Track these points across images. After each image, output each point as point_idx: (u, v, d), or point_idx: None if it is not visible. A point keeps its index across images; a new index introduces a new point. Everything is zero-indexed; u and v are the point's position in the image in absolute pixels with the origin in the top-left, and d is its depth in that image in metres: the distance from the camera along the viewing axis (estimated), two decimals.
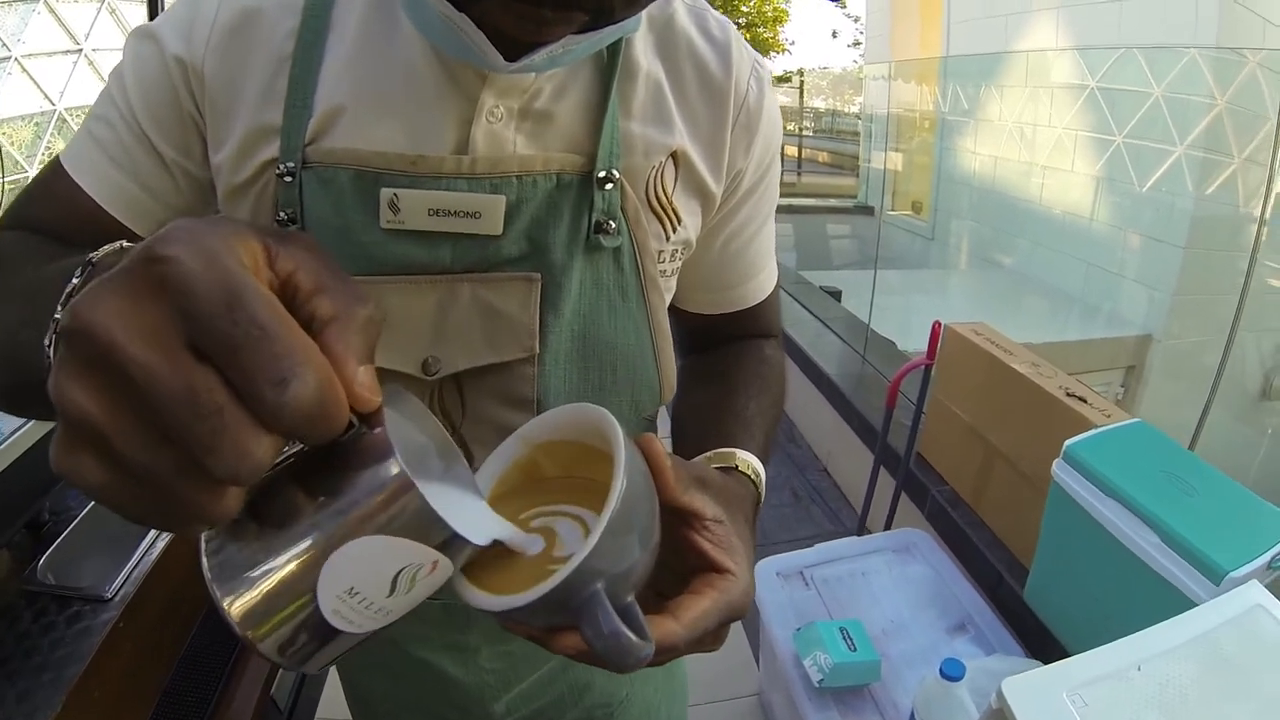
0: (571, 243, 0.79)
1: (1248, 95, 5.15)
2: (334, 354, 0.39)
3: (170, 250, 0.35)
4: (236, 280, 0.36)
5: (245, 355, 0.35)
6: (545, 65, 0.69)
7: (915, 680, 1.90)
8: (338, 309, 0.41)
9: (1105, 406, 2.03)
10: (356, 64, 0.74)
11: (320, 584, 0.43)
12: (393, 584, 0.45)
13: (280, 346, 0.35)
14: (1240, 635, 1.20)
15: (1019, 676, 1.13)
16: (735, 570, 0.63)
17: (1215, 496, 1.63)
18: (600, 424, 0.57)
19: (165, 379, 0.34)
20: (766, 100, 0.88)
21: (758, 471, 0.81)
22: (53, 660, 1.40)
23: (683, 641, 0.57)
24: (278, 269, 0.40)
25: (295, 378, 0.35)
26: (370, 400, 0.41)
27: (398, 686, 1.11)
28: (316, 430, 0.38)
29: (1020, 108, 7.37)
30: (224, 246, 0.37)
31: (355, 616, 0.45)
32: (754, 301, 1.03)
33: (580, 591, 0.50)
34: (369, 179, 0.74)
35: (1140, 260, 6.11)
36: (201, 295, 0.35)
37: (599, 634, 0.50)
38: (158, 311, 0.35)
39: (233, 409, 0.35)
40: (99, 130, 0.77)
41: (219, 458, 0.35)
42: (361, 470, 0.43)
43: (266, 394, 0.35)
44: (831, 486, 3.99)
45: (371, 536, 0.43)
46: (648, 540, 0.55)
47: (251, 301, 0.35)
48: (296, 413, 0.36)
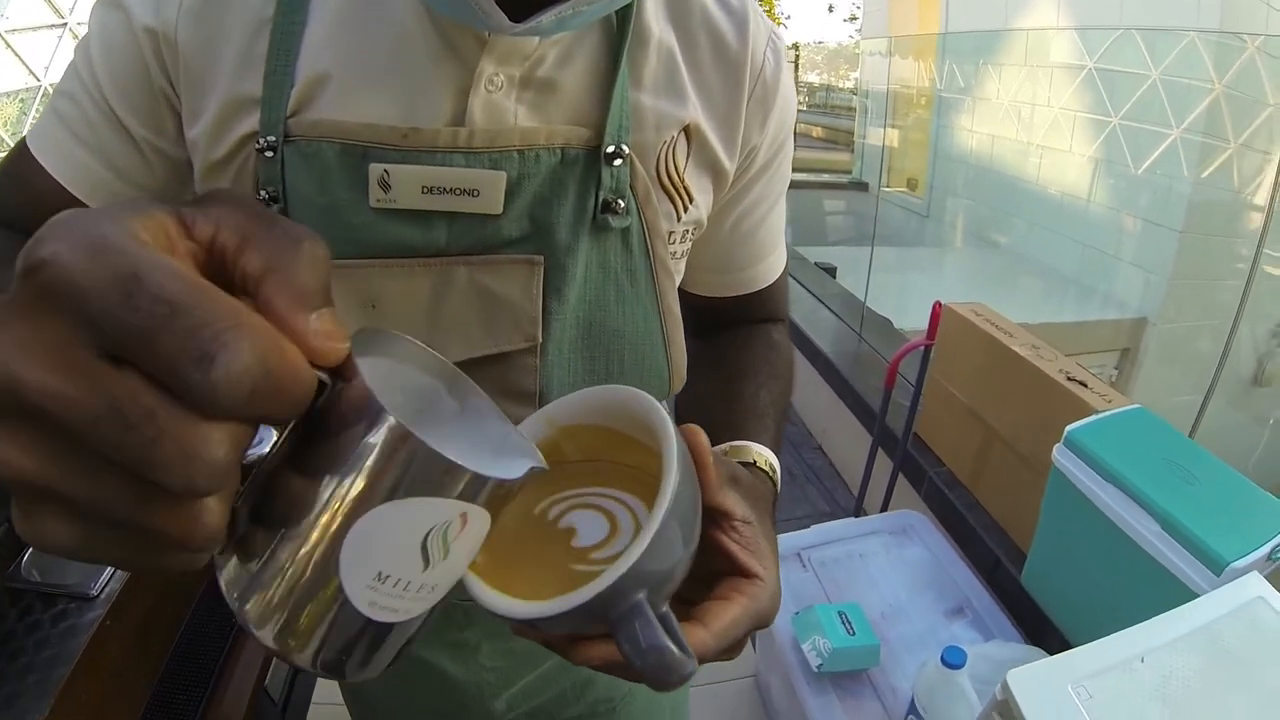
0: (577, 223, 0.75)
1: (1246, 80, 5.13)
2: (276, 309, 0.34)
3: (47, 250, 0.30)
4: (129, 259, 0.30)
5: (158, 340, 0.29)
6: (553, 28, 0.64)
7: (914, 665, 1.90)
8: (268, 259, 0.34)
9: (1105, 391, 2.02)
10: (343, 28, 0.70)
11: (344, 579, 0.38)
12: (424, 554, 0.40)
13: (196, 318, 0.29)
14: (1241, 627, 1.20)
15: (1024, 668, 1.13)
16: (764, 575, 0.60)
17: (1215, 485, 1.62)
18: (645, 412, 0.54)
19: (80, 400, 0.29)
20: (783, 74, 0.84)
21: (774, 467, 0.78)
22: (39, 661, 1.37)
23: (712, 652, 0.55)
24: (197, 237, 0.35)
25: (222, 348, 0.29)
26: (333, 350, 0.35)
27: (395, 684, 1.09)
28: (273, 404, 0.32)
29: (1017, 86, 7.34)
30: (112, 228, 0.31)
31: (396, 603, 0.41)
32: (763, 285, 1.00)
33: (623, 600, 0.46)
34: (357, 154, 0.69)
35: (1137, 243, 6.11)
36: (92, 289, 0.29)
37: (639, 649, 0.46)
38: (53, 326, 0.30)
39: (166, 409, 0.30)
40: (64, 108, 0.73)
41: (166, 468, 0.30)
42: (349, 433, 0.37)
43: (192, 377, 0.29)
44: (826, 465, 3.99)
45: (380, 506, 0.37)
46: (691, 543, 0.52)
47: (152, 278, 0.29)
48: (236, 388, 0.30)
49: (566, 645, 0.54)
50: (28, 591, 1.52)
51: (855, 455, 3.25)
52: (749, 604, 0.58)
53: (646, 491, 0.56)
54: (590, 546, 0.54)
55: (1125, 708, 1.08)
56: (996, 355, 2.32)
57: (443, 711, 1.09)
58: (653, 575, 0.47)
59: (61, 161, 0.73)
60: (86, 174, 0.74)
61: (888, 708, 1.87)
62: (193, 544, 0.33)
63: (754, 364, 0.95)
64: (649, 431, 0.53)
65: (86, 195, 0.75)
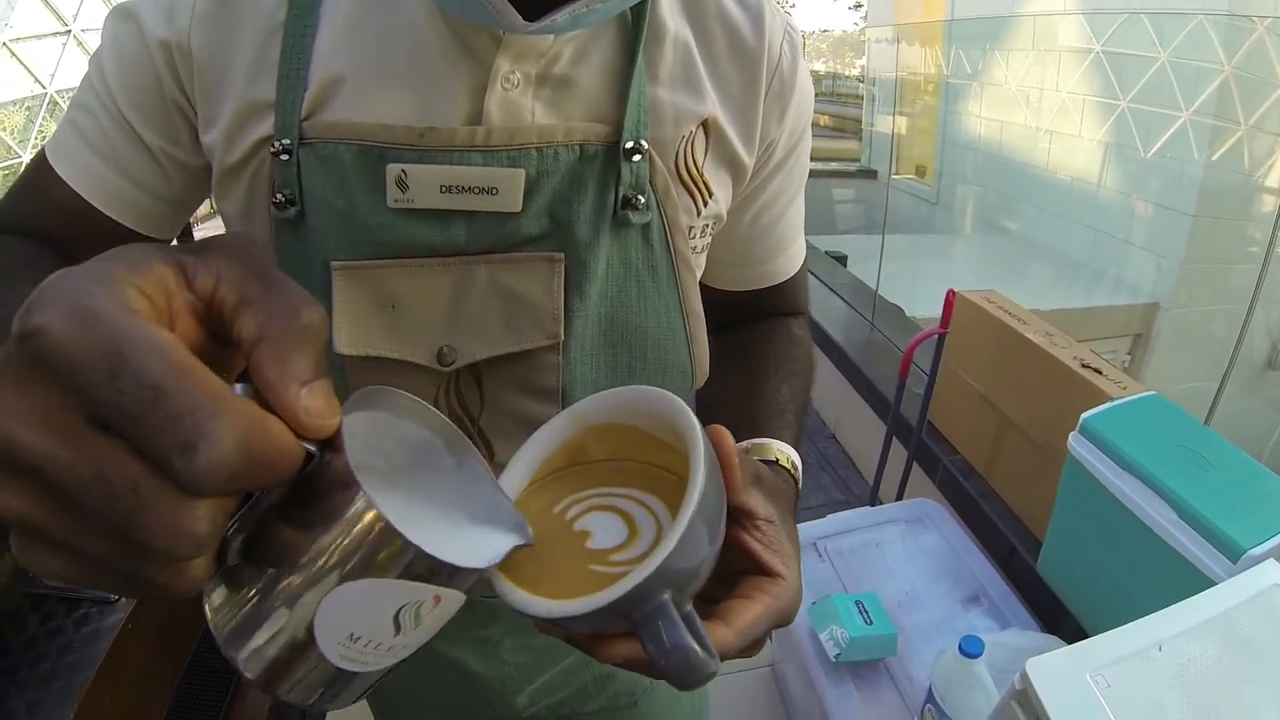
0: (597, 219, 0.75)
1: (1255, 61, 5.10)
2: (267, 381, 0.35)
3: (38, 319, 0.31)
4: (117, 336, 0.31)
5: (143, 423, 0.30)
6: (567, 26, 0.64)
7: (931, 653, 1.90)
8: (263, 326, 0.36)
9: (1120, 378, 2.02)
10: (356, 30, 0.70)
11: (318, 635, 0.39)
12: (395, 624, 0.41)
13: (180, 405, 0.31)
14: (1258, 615, 1.20)
15: (1042, 657, 1.13)
16: (786, 574, 0.61)
17: (1231, 472, 1.62)
18: (671, 413, 0.54)
19: (69, 465, 0.31)
20: (800, 67, 0.84)
21: (796, 464, 0.79)
22: (61, 666, 1.38)
23: (734, 650, 0.56)
24: (197, 288, 0.36)
25: (203, 437, 0.31)
26: (320, 428, 0.36)
27: (418, 681, 1.09)
28: (257, 480, 0.34)
29: (1024, 71, 7.30)
30: (104, 295, 0.32)
31: (366, 659, 0.42)
32: (783, 278, 1.00)
33: (648, 600, 0.47)
34: (374, 154, 0.70)
35: (1148, 227, 6.07)
36: (78, 365, 0.30)
37: (662, 648, 0.47)
38: (45, 393, 0.31)
39: (150, 482, 0.31)
40: (80, 120, 0.74)
41: (151, 535, 0.32)
42: (331, 506, 0.38)
43: (175, 463, 0.31)
44: (840, 454, 3.99)
45: (354, 582, 0.39)
46: (715, 543, 0.52)
47: (137, 358, 0.30)
48: (215, 475, 0.31)
49: (590, 643, 0.54)
50: (49, 596, 1.53)
51: (869, 444, 3.25)
52: (771, 603, 0.59)
53: (669, 492, 0.56)
54: (611, 548, 0.54)
55: (1144, 697, 1.08)
56: (1010, 342, 2.31)
57: (465, 707, 1.09)
58: (678, 575, 0.48)
59: (79, 173, 0.74)
60: (103, 184, 0.75)
61: (905, 697, 1.87)
62: (174, 593, 0.35)
63: (775, 359, 0.95)
64: (675, 432, 0.54)
65: (103, 205, 0.76)
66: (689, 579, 0.50)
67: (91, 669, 1.38)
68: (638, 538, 0.54)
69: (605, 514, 0.56)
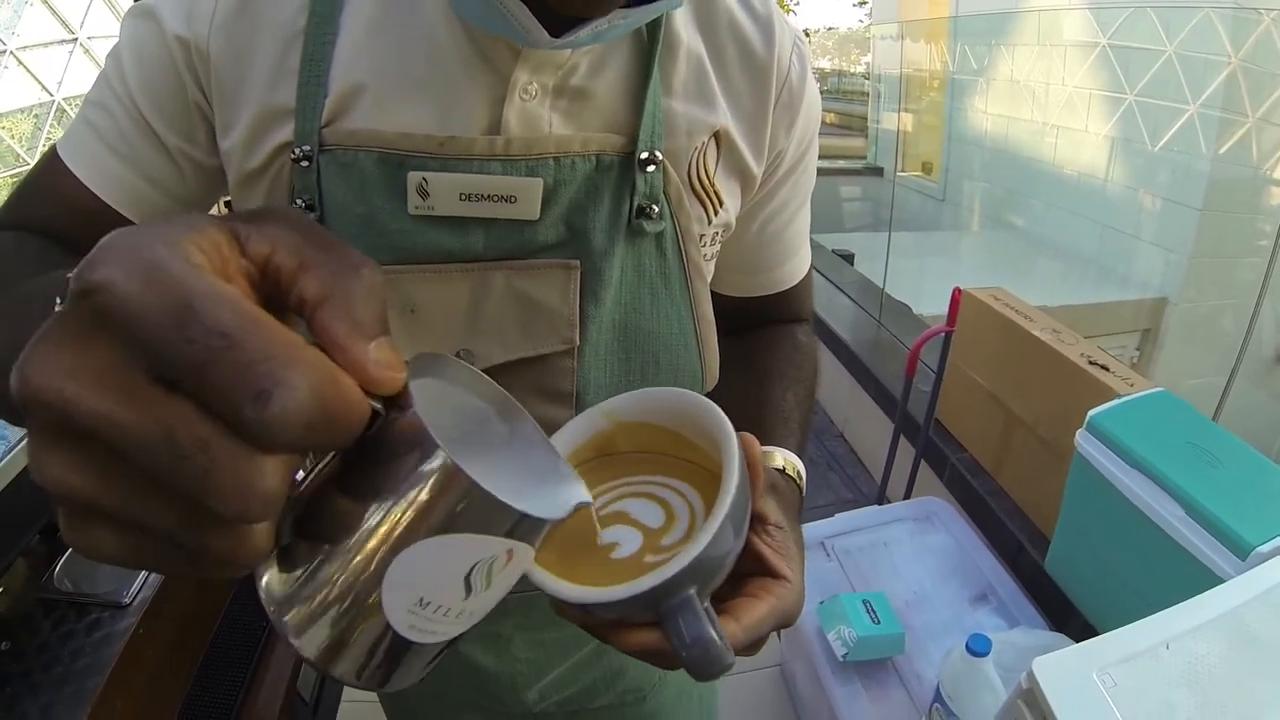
0: (612, 228, 0.76)
1: (1263, 53, 5.09)
2: (333, 338, 0.34)
3: (100, 275, 0.29)
4: (184, 287, 0.29)
5: (214, 373, 0.29)
6: (588, 40, 0.66)
7: (939, 652, 1.91)
8: (327, 285, 0.35)
9: (1128, 375, 2.02)
10: (376, 39, 0.71)
11: (386, 603, 0.38)
12: (467, 585, 0.40)
13: (252, 352, 0.29)
14: (1268, 612, 1.19)
15: (1049, 656, 1.13)
16: (791, 578, 0.62)
17: (1239, 469, 1.62)
18: (707, 417, 0.56)
19: (134, 427, 0.29)
20: (808, 77, 0.86)
21: (800, 473, 0.80)
22: (74, 671, 1.39)
23: (741, 645, 0.57)
24: (251, 254, 0.34)
25: (278, 385, 0.29)
26: (391, 380, 0.35)
27: (430, 677, 1.10)
28: (326, 437, 0.32)
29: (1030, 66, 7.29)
30: (166, 251, 0.30)
31: (436, 626, 0.41)
32: (788, 285, 1.01)
33: (678, 592, 0.48)
34: (394, 162, 0.71)
35: (1156, 222, 6.06)
36: (146, 317, 0.29)
37: (684, 640, 0.49)
38: (106, 351, 0.30)
39: (220, 440, 0.30)
40: (96, 117, 0.74)
41: (219, 498, 0.30)
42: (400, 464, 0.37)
43: (248, 414, 0.29)
44: (848, 453, 3.99)
45: (427, 540, 0.37)
46: (739, 542, 0.54)
47: (206, 307, 0.29)
48: (292, 426, 0.30)
49: (608, 631, 0.55)
50: (60, 601, 1.54)
51: (877, 442, 3.25)
52: (776, 603, 0.60)
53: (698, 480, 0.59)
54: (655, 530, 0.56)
55: (1151, 695, 1.08)
56: (1017, 340, 2.32)
57: (476, 703, 1.10)
58: (705, 571, 0.49)
59: (94, 171, 0.74)
60: (119, 183, 0.75)
61: (913, 696, 1.88)
62: (238, 562, 0.34)
63: (781, 367, 0.97)
64: (707, 435, 0.56)
65: (119, 203, 0.76)
66: (714, 575, 0.52)
67: (104, 673, 1.39)
68: (675, 521, 0.56)
69: (638, 500, 0.58)
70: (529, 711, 1.09)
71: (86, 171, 0.74)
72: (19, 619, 1.48)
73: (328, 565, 0.38)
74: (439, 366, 0.45)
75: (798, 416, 0.90)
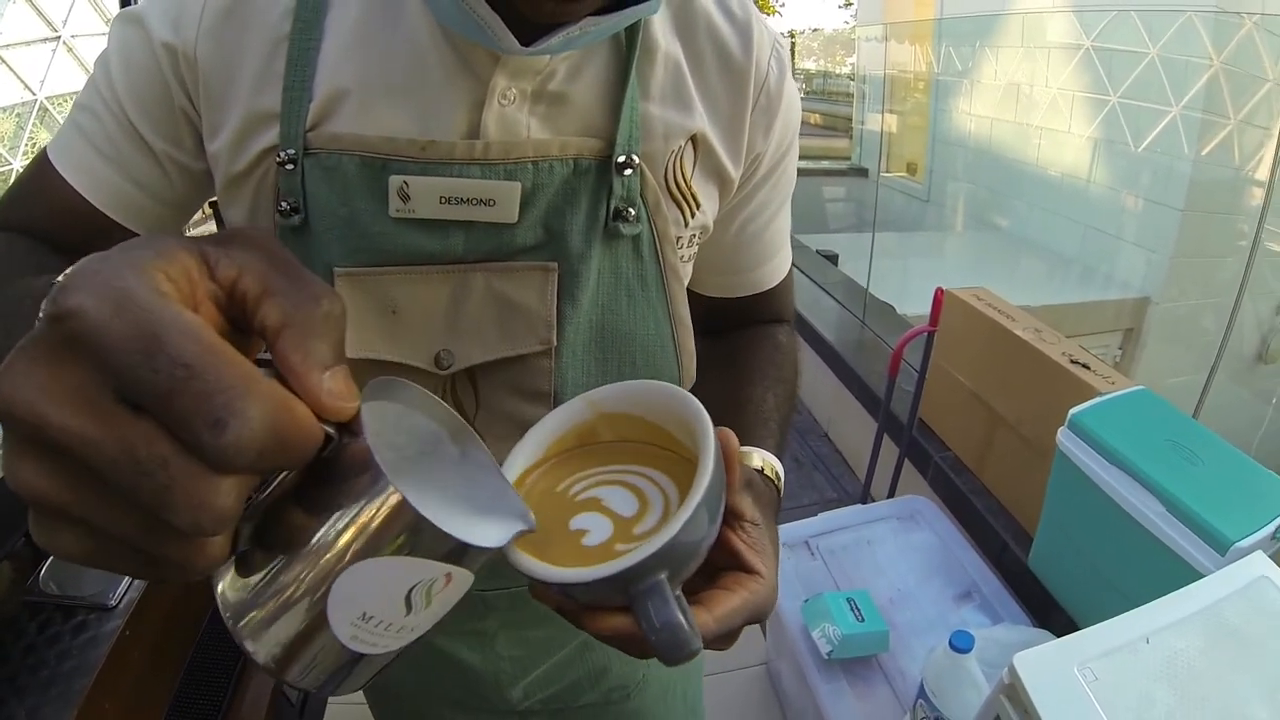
0: (589, 230, 0.77)
1: (1245, 56, 5.12)
2: (290, 366, 0.36)
3: (72, 301, 0.32)
4: (151, 318, 0.32)
5: (175, 401, 0.32)
6: (561, 48, 0.67)
7: (923, 649, 1.92)
8: (287, 314, 0.37)
9: (1109, 373, 2.04)
10: (360, 46, 0.72)
11: (330, 614, 0.40)
12: (408, 604, 0.43)
13: (211, 384, 0.32)
14: (1246, 607, 1.20)
15: (1030, 651, 1.14)
16: (765, 573, 0.63)
17: (1219, 465, 1.63)
18: (685, 410, 0.57)
19: (99, 443, 0.31)
20: (787, 81, 0.86)
21: (778, 473, 0.81)
22: (60, 673, 1.39)
23: (712, 635, 0.58)
24: (220, 279, 0.37)
25: (233, 415, 0.32)
26: (342, 409, 0.38)
27: (414, 674, 1.11)
28: (281, 461, 0.35)
29: (1015, 68, 7.32)
30: (136, 280, 0.33)
31: (376, 640, 0.43)
32: (768, 285, 1.02)
33: (648, 576, 0.50)
34: (376, 166, 0.72)
35: (1138, 222, 6.09)
36: (113, 345, 0.31)
37: (653, 624, 0.50)
38: (76, 372, 0.32)
39: (179, 460, 0.32)
40: (85, 121, 0.75)
41: (175, 513, 0.32)
42: (350, 486, 0.40)
43: (205, 439, 0.32)
44: (833, 453, 4.01)
45: (370, 559, 0.40)
46: (712, 533, 0.56)
47: (170, 339, 0.32)
48: (245, 452, 0.32)
49: (580, 614, 0.56)
50: (46, 604, 1.54)
51: (862, 442, 3.26)
52: (749, 597, 0.61)
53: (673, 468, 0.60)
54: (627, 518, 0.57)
55: (1131, 689, 1.09)
56: (999, 339, 2.33)
57: (462, 701, 1.11)
58: (676, 558, 0.50)
59: (82, 174, 0.75)
60: (107, 186, 0.76)
61: (898, 693, 1.89)
62: (195, 569, 0.36)
63: (761, 367, 0.98)
64: (686, 426, 0.57)
65: (107, 206, 0.77)
66: (686, 562, 0.53)
67: (90, 675, 1.39)
68: (649, 509, 0.57)
69: (617, 488, 0.59)
70: (514, 709, 1.10)
71: (75, 175, 0.75)
72: (4, 622, 1.47)
73: (280, 576, 0.40)
74: (395, 390, 0.47)
75: (777, 417, 0.91)
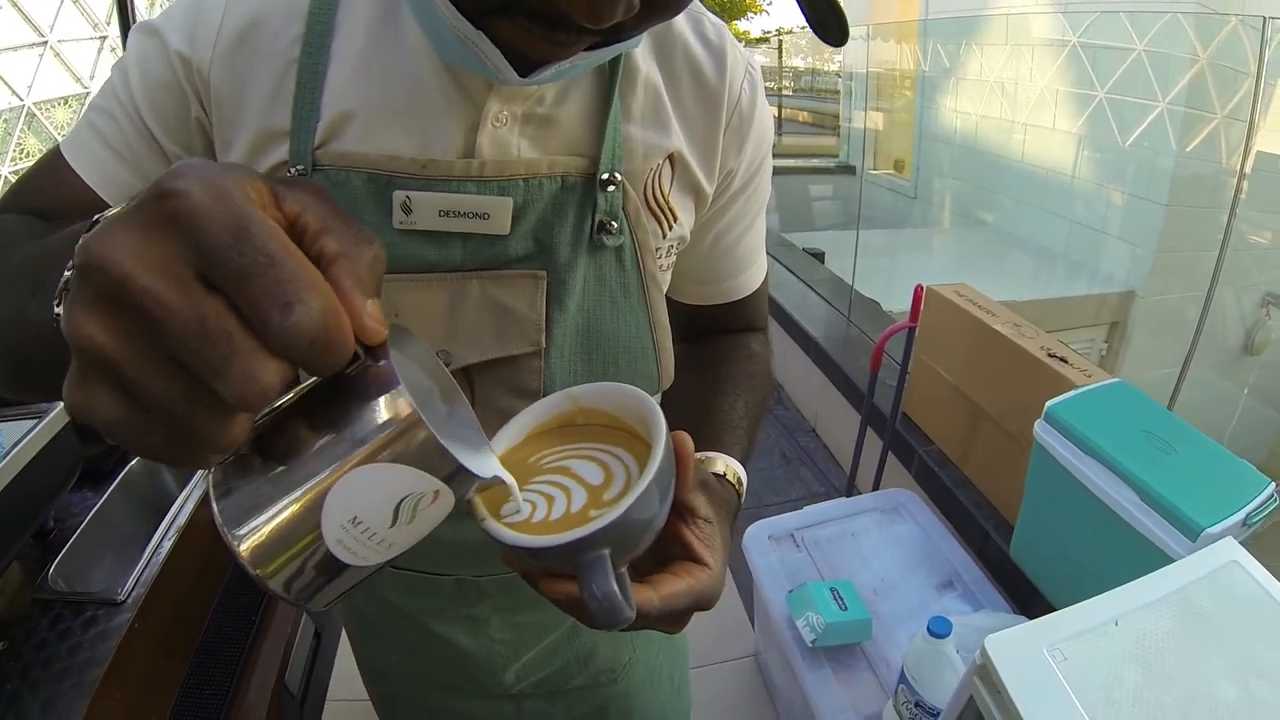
0: (576, 242, 0.82)
1: (1230, 52, 5.16)
2: (341, 287, 0.41)
3: (180, 185, 0.36)
4: (244, 213, 0.37)
5: (253, 282, 0.36)
6: (553, 78, 0.71)
7: (906, 637, 1.96)
8: (344, 246, 0.42)
9: (1086, 366, 2.07)
10: (365, 71, 0.77)
11: (325, 514, 0.44)
12: (395, 513, 0.47)
13: (286, 273, 0.37)
14: (1216, 590, 1.23)
15: (1002, 633, 1.18)
16: (712, 565, 0.68)
17: (1193, 455, 1.67)
18: (644, 410, 0.63)
19: (176, 307, 0.35)
20: (759, 102, 0.92)
21: (741, 479, 0.87)
22: (73, 666, 1.43)
23: (655, 612, 0.63)
24: (285, 210, 0.42)
25: (300, 302, 0.37)
26: (377, 331, 0.43)
27: (412, 660, 1.17)
28: (322, 357, 0.39)
29: (1001, 65, 7.35)
30: (232, 184, 0.38)
31: (359, 548, 0.47)
32: (742, 295, 1.07)
33: (591, 550, 0.55)
34: (381, 181, 0.77)
35: (1123, 217, 6.14)
36: (210, 227, 0.36)
37: (593, 592, 0.55)
38: (169, 244, 0.36)
39: (241, 335, 0.36)
40: (101, 122, 0.79)
41: (228, 382, 0.36)
42: (366, 402, 0.45)
43: (273, 318, 0.36)
44: (820, 448, 4.04)
45: (376, 464, 0.44)
46: (656, 524, 0.60)
47: (258, 232, 0.37)
48: (302, 336, 0.37)
49: (540, 579, 0.61)
50: (56, 601, 1.58)
51: (848, 438, 3.29)
52: (694, 584, 0.66)
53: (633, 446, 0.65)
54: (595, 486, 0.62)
55: (1100, 669, 1.12)
56: (979, 334, 2.38)
57: (459, 686, 1.17)
58: (618, 539, 0.56)
59: (97, 172, 0.79)
60: (119, 182, 0.80)
61: (881, 679, 1.93)
62: (218, 445, 0.40)
63: (733, 375, 1.04)
64: (645, 424, 0.63)
65: (118, 201, 0.78)
66: (627, 545, 0.58)
67: (101, 667, 1.43)
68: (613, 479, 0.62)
69: (584, 462, 0.65)
70: (508, 693, 1.15)
71: (88, 170, 0.79)
72: (15, 620, 1.51)
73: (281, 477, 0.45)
74: (405, 342, 0.52)
75: (745, 424, 0.97)
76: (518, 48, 0.65)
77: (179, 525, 1.83)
